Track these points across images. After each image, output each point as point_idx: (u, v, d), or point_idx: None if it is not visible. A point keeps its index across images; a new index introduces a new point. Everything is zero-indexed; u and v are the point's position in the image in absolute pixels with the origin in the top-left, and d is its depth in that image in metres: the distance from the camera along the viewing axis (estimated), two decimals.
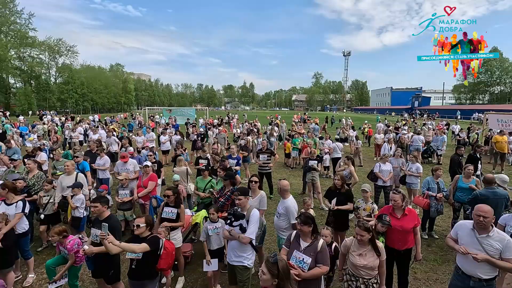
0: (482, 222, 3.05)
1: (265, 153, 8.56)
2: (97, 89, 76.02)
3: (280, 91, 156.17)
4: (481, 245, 3.07)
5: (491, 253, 3.03)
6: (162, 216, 4.43)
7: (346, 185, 5.31)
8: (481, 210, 3.09)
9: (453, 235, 3.39)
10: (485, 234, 3.08)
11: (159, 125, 23.20)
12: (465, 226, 3.30)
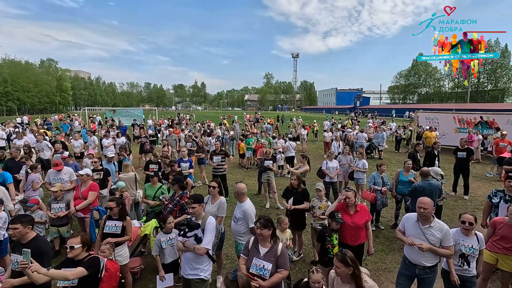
0: (423, 214, 3.31)
1: (219, 155, 8.31)
2: (24, 87, 66.93)
3: (233, 90, 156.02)
4: (425, 235, 3.33)
5: (433, 242, 3.30)
6: (104, 231, 3.93)
7: (302, 185, 5.36)
8: (422, 202, 3.35)
9: (401, 228, 3.62)
10: (428, 224, 3.35)
11: (101, 127, 21.31)
12: (410, 218, 3.55)
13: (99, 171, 6.57)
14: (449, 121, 16.14)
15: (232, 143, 15.25)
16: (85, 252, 3.00)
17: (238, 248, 4.12)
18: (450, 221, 7.16)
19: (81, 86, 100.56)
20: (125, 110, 29.45)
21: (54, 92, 77.79)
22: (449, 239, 3.29)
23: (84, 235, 3.04)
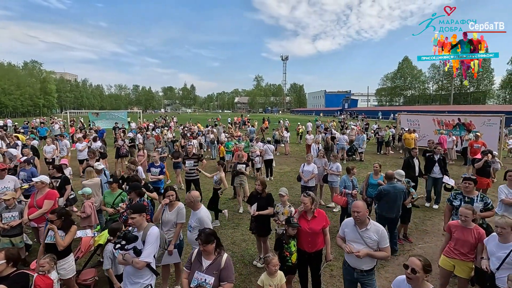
0: (357, 217, 3.32)
1: (192, 159, 8.14)
2: (6, 89, 64.94)
3: (223, 93, 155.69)
4: (363, 239, 3.33)
5: (370, 244, 3.30)
6: (46, 241, 3.71)
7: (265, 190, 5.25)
8: (355, 206, 3.37)
9: (341, 233, 3.61)
10: (364, 227, 3.35)
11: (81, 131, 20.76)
12: (349, 223, 3.53)
13: (56, 179, 6.30)
14: (429, 123, 16.39)
15: (213, 146, 15.07)
16: (11, 268, 2.81)
17: None
18: (421, 223, 7.19)
19: (66, 89, 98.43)
20: (108, 113, 28.85)
21: (38, 94, 75.68)
22: (385, 240, 3.29)
23: (9, 250, 2.85)
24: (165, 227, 4.23)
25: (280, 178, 11.47)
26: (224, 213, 6.86)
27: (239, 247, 6.01)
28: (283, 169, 13.08)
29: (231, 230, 6.79)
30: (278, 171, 12.52)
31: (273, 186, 10.27)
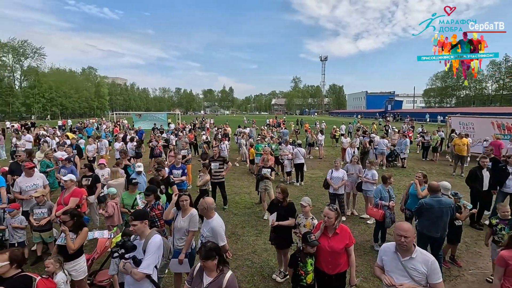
0: (404, 243, 2.66)
1: (217, 161, 7.97)
2: (66, 93, 72.40)
3: (260, 95, 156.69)
4: (406, 270, 2.68)
5: (417, 278, 2.64)
6: (57, 243, 3.73)
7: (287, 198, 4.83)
8: (401, 229, 2.71)
9: (379, 262, 2.97)
10: (408, 256, 2.70)
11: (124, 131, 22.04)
12: (388, 249, 2.89)
13: (88, 177, 6.53)
14: (486, 126, 14.43)
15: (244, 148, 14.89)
16: (15, 270, 2.78)
17: None
18: (474, 244, 6.17)
19: (117, 92, 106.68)
20: (150, 115, 30.48)
21: (92, 97, 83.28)
22: (437, 275, 2.61)
23: (13, 251, 2.82)
24: (177, 234, 4.04)
25: (311, 183, 10.86)
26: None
27: (259, 257, 5.66)
28: (315, 174, 12.42)
29: (254, 237, 6.46)
30: (310, 176, 11.90)
31: (303, 192, 9.75)
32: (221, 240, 3.61)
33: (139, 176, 6.61)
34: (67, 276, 3.63)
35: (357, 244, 6.05)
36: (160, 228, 4.21)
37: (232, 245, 6.06)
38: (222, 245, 3.57)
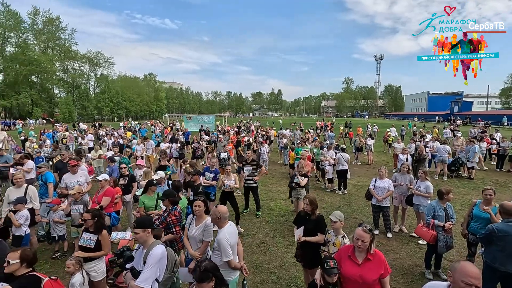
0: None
1: (250, 165, 7.66)
2: (130, 97, 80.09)
3: (310, 97, 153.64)
4: None
5: None
6: (79, 243, 3.76)
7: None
8: (471, 275, 1.99)
9: None
10: None
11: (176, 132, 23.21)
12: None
13: (125, 177, 6.75)
14: None
15: (285, 151, 14.40)
16: (25, 269, 2.78)
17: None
18: None
19: (173, 96, 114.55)
20: (199, 117, 31.80)
21: (152, 101, 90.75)
22: None
23: (25, 250, 2.82)
24: (191, 241, 3.80)
25: (356, 192, 9.89)
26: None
27: (287, 272, 5.15)
28: (361, 181, 11.34)
29: (284, 249, 5.96)
30: (355, 184, 10.90)
31: (344, 202, 8.91)
32: (225, 256, 3.23)
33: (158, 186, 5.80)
34: (84, 277, 3.63)
35: (404, 268, 5.18)
36: (176, 234, 4.02)
37: (259, 256, 5.68)
38: (226, 260, 3.20)
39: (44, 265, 5.31)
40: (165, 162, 8.87)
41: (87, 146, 15.59)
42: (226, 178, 6.83)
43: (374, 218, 6.57)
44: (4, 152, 9.41)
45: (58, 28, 65.10)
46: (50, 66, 59.72)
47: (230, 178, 6.84)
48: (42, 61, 56.28)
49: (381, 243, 6.12)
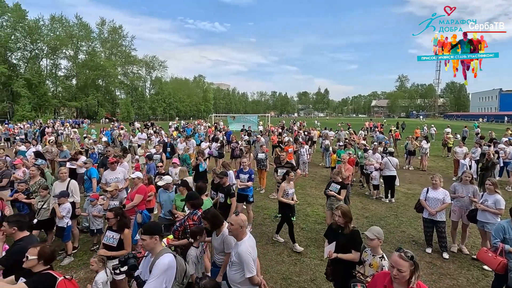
0: None
1: (284, 167, 7.26)
2: (181, 98, 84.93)
3: (358, 96, 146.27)
4: None
5: None
6: (103, 242, 3.79)
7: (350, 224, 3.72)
8: None
9: None
10: None
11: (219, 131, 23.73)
12: None
13: (161, 175, 6.87)
14: None
15: (327, 153, 13.62)
16: (42, 266, 2.78)
17: None
18: None
19: (220, 97, 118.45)
20: (242, 117, 32.21)
21: (200, 102, 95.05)
22: None
23: (43, 247, 2.82)
24: (215, 251, 3.59)
25: (405, 201, 8.83)
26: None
27: None
28: (412, 189, 10.13)
29: (317, 261, 5.45)
30: (404, 192, 9.77)
31: (391, 212, 7.99)
32: (248, 271, 2.92)
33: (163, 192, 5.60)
34: (108, 276, 3.64)
35: None
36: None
37: (289, 266, 5.27)
38: (249, 276, 2.89)
39: (83, 256, 5.62)
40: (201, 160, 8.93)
41: (137, 144, 16.67)
42: (287, 185, 5.89)
43: (426, 233, 5.68)
44: (64, 147, 10.40)
45: (121, 36, 71.90)
46: (113, 71, 66.30)
47: (291, 185, 5.99)
48: (106, 66, 62.74)
49: (435, 264, 5.25)
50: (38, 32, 53.46)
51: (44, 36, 55.02)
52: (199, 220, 3.82)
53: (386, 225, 7.00)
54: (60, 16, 58.60)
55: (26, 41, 53.15)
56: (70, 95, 60.64)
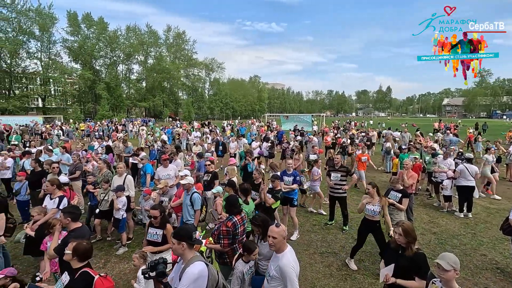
0: None
1: (339, 171, 6.66)
2: (237, 98, 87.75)
3: (427, 94, 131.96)
4: None
5: None
6: (147, 238, 3.85)
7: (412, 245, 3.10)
8: None
9: None
10: None
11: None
12: None
13: (209, 173, 6.94)
14: None
15: (389, 157, 12.34)
16: (77, 262, 2.79)
17: None
18: None
19: (275, 96, 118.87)
20: (296, 116, 31.58)
21: (255, 101, 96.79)
22: None
23: (79, 244, 2.79)
24: (261, 258, 3.35)
25: (487, 218, 7.40)
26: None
27: None
28: (496, 204, 8.48)
29: (371, 279, 4.82)
30: (486, 206, 8.22)
31: (468, 229, 6.76)
32: (291, 285, 2.62)
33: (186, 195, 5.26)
34: (140, 277, 3.67)
35: None
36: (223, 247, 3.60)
37: (338, 282, 4.77)
38: None
39: (135, 247, 5.93)
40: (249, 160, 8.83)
41: (193, 142, 17.52)
42: (367, 200, 4.91)
43: None
44: (128, 144, 11.38)
45: (184, 40, 77.16)
46: (177, 73, 71.65)
47: (375, 202, 4.83)
48: (171, 69, 68.12)
49: None
50: (116, 41, 60.72)
51: (121, 44, 62.22)
52: (233, 226, 3.62)
53: (460, 245, 5.93)
54: (134, 26, 65.69)
55: (107, 49, 60.81)
56: (140, 96, 67.43)
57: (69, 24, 52.87)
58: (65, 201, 4.95)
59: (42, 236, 4.49)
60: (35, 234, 4.47)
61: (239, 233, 3.69)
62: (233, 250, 3.64)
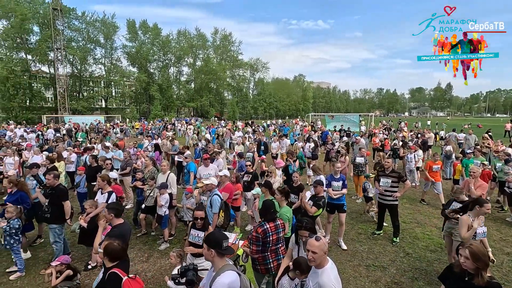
0: None
1: (389, 177, 6.03)
2: (281, 98, 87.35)
3: (497, 91, 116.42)
4: None
5: None
6: (189, 240, 3.85)
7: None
8: None
9: None
10: None
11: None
12: None
13: (249, 174, 6.85)
14: None
15: (449, 162, 11.01)
16: (108, 262, 2.81)
17: None
18: None
19: (320, 95, 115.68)
20: (342, 116, 30.23)
21: (299, 101, 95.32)
22: None
23: (109, 244, 2.80)
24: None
25: None
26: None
27: None
28: None
29: None
30: None
31: None
32: None
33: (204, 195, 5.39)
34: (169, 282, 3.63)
35: None
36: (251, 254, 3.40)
37: None
38: None
39: (177, 244, 6.09)
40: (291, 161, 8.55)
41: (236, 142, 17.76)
42: (471, 219, 4.13)
43: None
44: (175, 142, 11.90)
45: (230, 42, 79.23)
46: (223, 74, 73.88)
47: (480, 221, 4.18)
48: (218, 70, 70.48)
49: None
50: (168, 45, 64.87)
51: (172, 48, 66.27)
52: (263, 233, 3.41)
53: None
54: (184, 30, 69.46)
55: (160, 53, 65.28)
56: (189, 97, 71.00)
57: (128, 31, 57.98)
58: (113, 196, 5.25)
59: (94, 227, 4.82)
60: (88, 225, 4.82)
61: (271, 241, 3.47)
62: (264, 258, 3.45)
